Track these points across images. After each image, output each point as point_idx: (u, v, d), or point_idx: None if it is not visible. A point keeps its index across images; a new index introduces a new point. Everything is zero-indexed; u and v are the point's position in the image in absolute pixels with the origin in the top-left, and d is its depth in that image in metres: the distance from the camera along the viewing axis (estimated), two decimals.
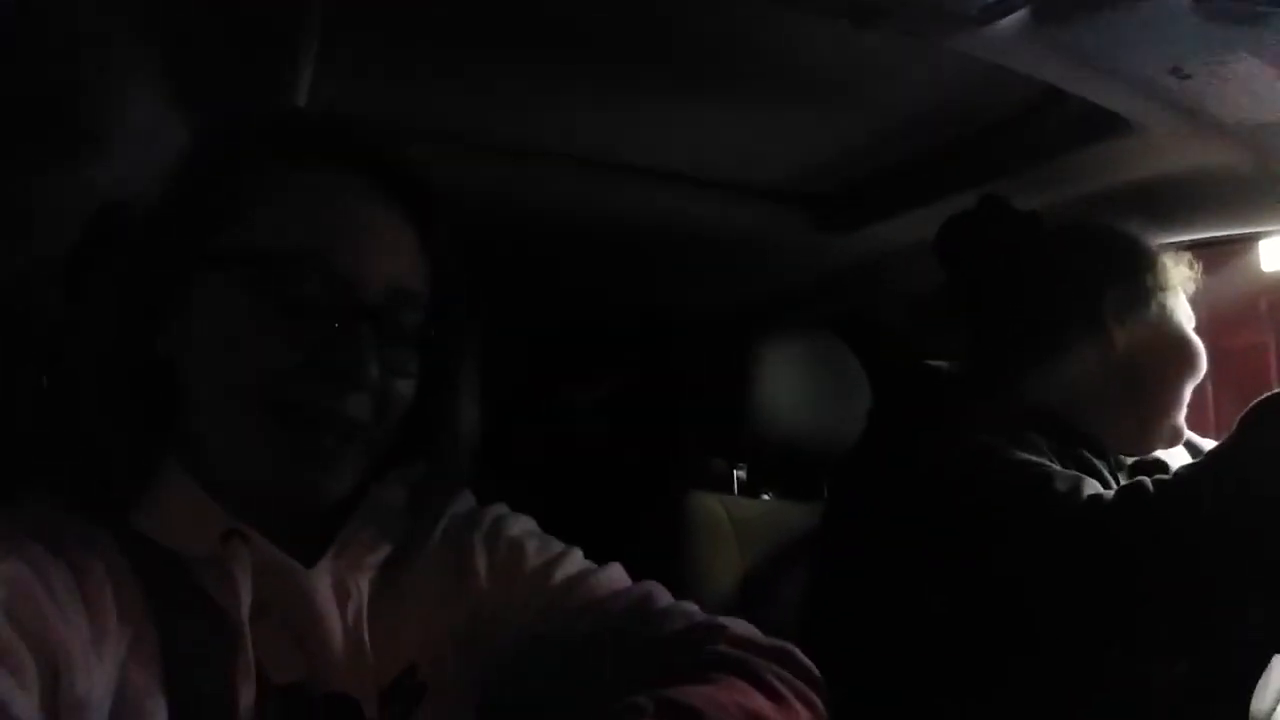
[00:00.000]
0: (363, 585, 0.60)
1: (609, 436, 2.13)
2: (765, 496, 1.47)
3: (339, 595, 0.58)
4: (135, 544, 0.53)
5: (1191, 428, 1.00)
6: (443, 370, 0.61)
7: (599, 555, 0.70)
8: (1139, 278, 0.92)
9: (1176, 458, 1.01)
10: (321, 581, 0.57)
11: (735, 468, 1.53)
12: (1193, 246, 1.02)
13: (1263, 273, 1.12)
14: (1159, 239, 0.99)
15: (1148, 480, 0.73)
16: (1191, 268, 0.97)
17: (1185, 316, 0.95)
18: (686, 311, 1.79)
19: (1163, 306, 0.93)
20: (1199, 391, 0.96)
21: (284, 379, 0.53)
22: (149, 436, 0.55)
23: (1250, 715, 0.78)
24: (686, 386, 1.87)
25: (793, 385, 1.30)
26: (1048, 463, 0.80)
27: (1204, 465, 0.73)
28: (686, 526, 1.24)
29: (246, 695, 0.52)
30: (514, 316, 1.64)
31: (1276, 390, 0.71)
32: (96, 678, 0.48)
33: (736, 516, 1.28)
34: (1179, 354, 0.92)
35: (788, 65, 0.90)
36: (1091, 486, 0.75)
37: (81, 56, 0.68)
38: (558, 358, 2.05)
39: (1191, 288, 0.97)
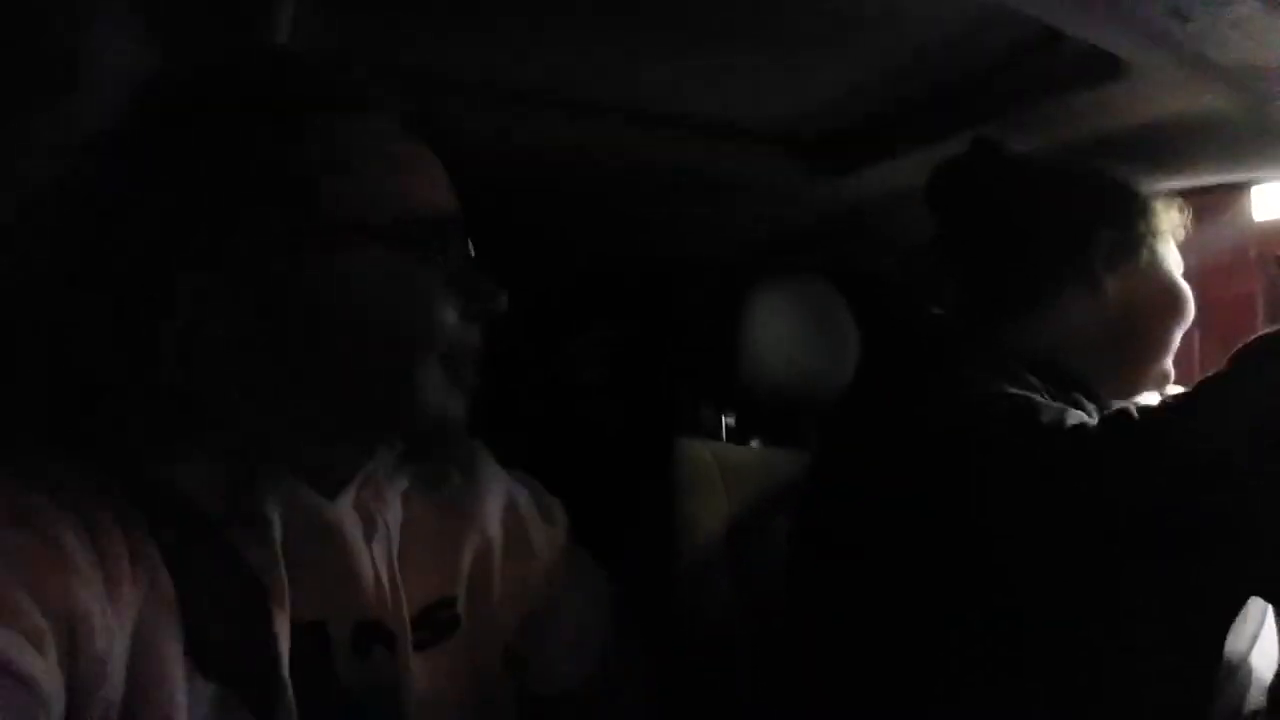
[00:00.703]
0: (387, 516, 0.61)
1: (599, 382, 2.13)
2: (753, 444, 1.48)
3: (365, 526, 0.59)
4: (148, 489, 0.52)
5: (1177, 377, 1.01)
6: None
7: (589, 501, 0.71)
8: (1130, 224, 0.92)
9: None
10: (346, 513, 0.58)
11: (724, 415, 1.54)
12: (1185, 193, 1.01)
13: (1253, 221, 1.12)
14: (1153, 184, 0.99)
15: (1132, 407, 0.73)
16: (1181, 212, 0.96)
17: (1175, 263, 0.95)
18: (677, 257, 1.78)
19: (1153, 253, 0.93)
20: (1185, 340, 0.97)
21: (441, 328, 0.57)
22: (179, 389, 0.54)
23: (1225, 657, 0.80)
24: (676, 333, 1.87)
25: (782, 333, 1.30)
26: (1036, 397, 0.81)
27: (1192, 394, 0.73)
28: (675, 472, 1.25)
29: (269, 635, 0.52)
30: (504, 263, 1.63)
31: (1273, 328, 0.71)
32: (114, 632, 0.47)
33: (725, 463, 1.29)
34: (1169, 301, 0.93)
35: (778, 8, 0.88)
36: (1076, 418, 0.76)
37: None
38: (548, 304, 2.04)
39: (1182, 234, 0.96)
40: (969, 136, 0.98)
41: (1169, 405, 0.74)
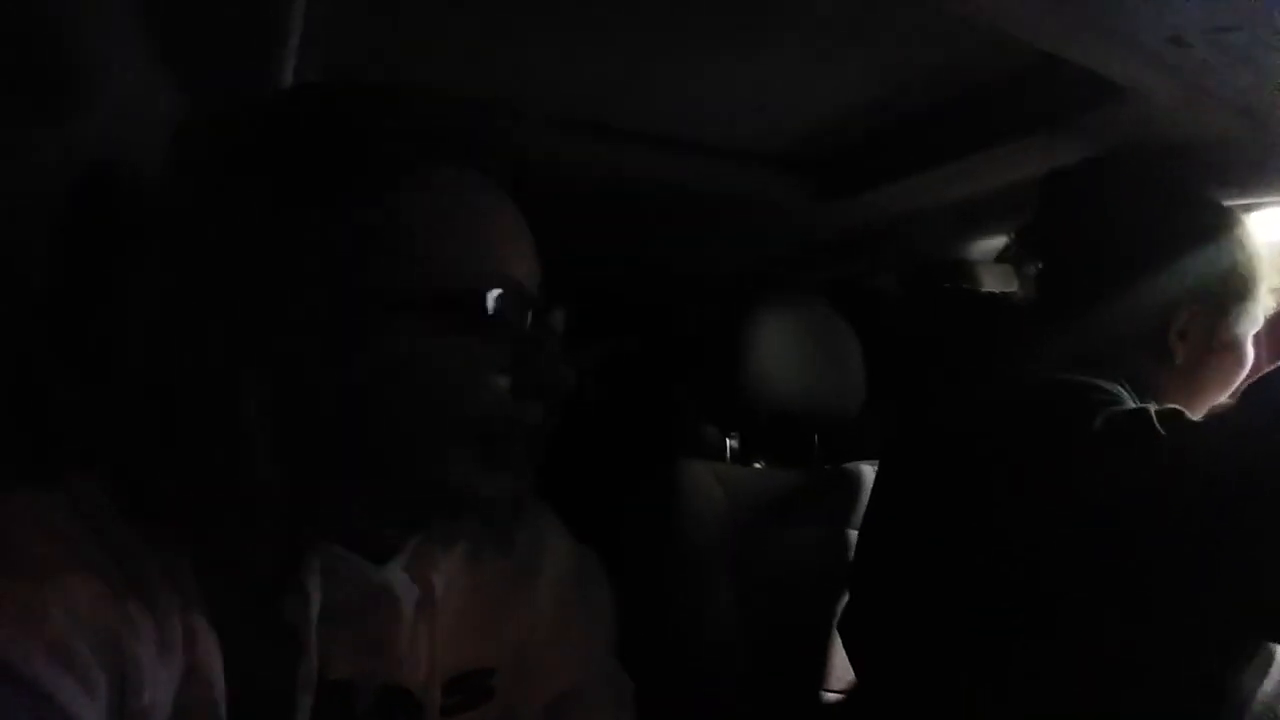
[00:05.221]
0: (437, 584, 0.59)
1: (605, 402, 2.14)
2: (757, 465, 1.48)
3: (411, 593, 0.57)
4: (199, 544, 0.51)
5: None
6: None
7: (593, 522, 0.70)
8: (1215, 297, 0.91)
9: None
10: (394, 579, 0.56)
11: (728, 436, 1.54)
12: None
13: None
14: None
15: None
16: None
17: (1253, 323, 0.93)
18: (684, 278, 1.78)
19: (1235, 323, 0.92)
20: None
21: (483, 408, 0.52)
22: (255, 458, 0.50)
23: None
24: (682, 354, 1.87)
25: (787, 354, 1.30)
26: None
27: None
28: (679, 493, 1.25)
29: (305, 697, 0.52)
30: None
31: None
32: (161, 685, 0.47)
33: (729, 483, 1.29)
34: (1232, 370, 0.93)
35: (787, 29, 0.89)
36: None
37: (64, 9, 0.67)
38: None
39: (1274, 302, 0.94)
40: (971, 160, 0.99)
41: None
